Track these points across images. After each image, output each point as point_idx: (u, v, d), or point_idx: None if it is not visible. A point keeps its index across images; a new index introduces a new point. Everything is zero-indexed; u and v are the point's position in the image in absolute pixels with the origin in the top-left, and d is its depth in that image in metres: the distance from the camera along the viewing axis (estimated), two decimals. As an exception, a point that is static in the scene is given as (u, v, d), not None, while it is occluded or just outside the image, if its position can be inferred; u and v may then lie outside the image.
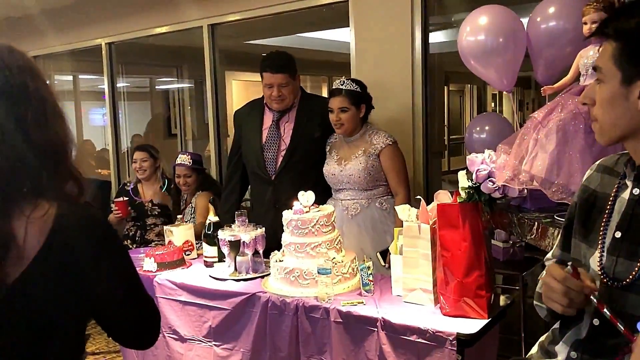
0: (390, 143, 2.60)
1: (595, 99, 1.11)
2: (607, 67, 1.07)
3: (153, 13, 4.41)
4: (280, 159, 2.80)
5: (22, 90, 0.97)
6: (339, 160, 2.66)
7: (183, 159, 3.39)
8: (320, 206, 2.36)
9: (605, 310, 1.04)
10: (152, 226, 3.63)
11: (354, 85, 2.61)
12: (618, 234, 1.11)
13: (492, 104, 9.10)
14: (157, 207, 3.64)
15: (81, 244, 0.97)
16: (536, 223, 1.81)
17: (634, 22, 1.04)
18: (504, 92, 2.67)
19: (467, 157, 1.90)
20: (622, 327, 1.01)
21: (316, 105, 2.79)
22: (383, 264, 2.42)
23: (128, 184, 3.77)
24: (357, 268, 2.23)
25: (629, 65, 1.04)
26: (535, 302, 1.31)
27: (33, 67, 1.02)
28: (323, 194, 2.68)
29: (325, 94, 7.19)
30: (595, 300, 1.06)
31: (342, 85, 2.61)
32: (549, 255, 1.41)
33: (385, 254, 2.43)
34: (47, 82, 1.06)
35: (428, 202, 2.04)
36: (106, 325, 1.09)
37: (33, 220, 0.95)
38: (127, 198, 3.56)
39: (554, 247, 1.38)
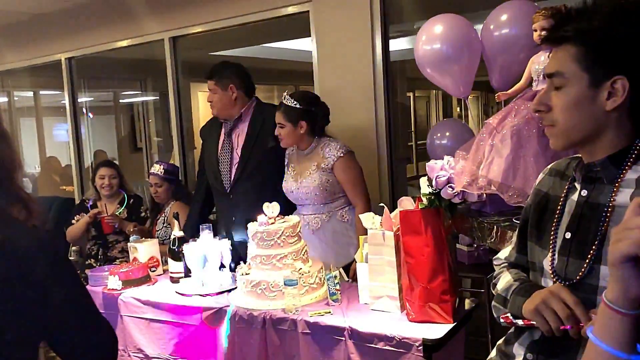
0: (342, 155, 2.53)
1: (550, 104, 1.10)
2: (571, 71, 1.06)
3: (113, 27, 4.36)
4: (234, 171, 2.79)
5: None
6: (295, 177, 2.62)
7: (156, 168, 3.49)
8: (286, 217, 2.35)
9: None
10: (115, 243, 3.58)
11: (293, 101, 2.53)
12: (568, 235, 1.13)
13: (458, 109, 9.25)
14: (117, 228, 3.57)
15: (27, 269, 0.94)
16: (495, 227, 1.84)
17: (596, 23, 1.03)
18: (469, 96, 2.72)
19: (427, 164, 1.92)
20: None
21: (268, 114, 2.72)
22: (347, 279, 2.42)
23: (87, 200, 3.72)
24: (324, 278, 2.22)
25: (597, 67, 1.03)
26: (493, 304, 1.32)
27: None
28: (282, 206, 2.65)
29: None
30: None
31: (283, 99, 2.57)
32: (499, 255, 1.42)
33: (348, 268, 2.44)
34: None
35: (394, 209, 2.05)
36: (59, 351, 1.06)
37: None
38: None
39: (509, 249, 1.40)
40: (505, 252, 1.41)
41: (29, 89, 6.35)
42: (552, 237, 1.17)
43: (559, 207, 1.18)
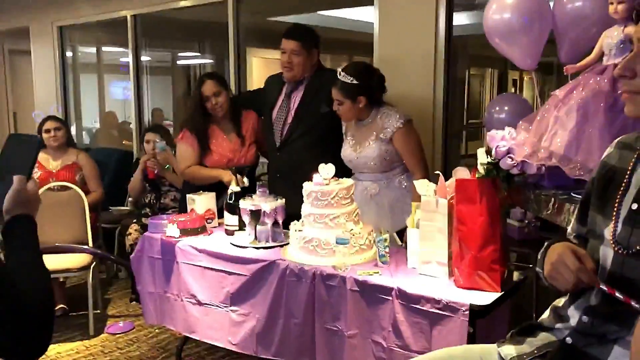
0: (402, 125, 2.53)
1: (636, 70, 1.10)
2: None
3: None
4: (286, 129, 2.88)
5: None
6: (355, 146, 2.64)
7: None
8: (340, 179, 2.40)
9: (617, 294, 1.08)
10: (167, 191, 3.90)
11: (349, 77, 2.50)
12: (635, 206, 1.14)
13: (513, 89, 8.99)
14: (166, 180, 3.87)
15: None
16: (553, 199, 1.84)
17: None
18: (525, 77, 2.66)
19: (487, 133, 1.92)
20: (637, 305, 1.05)
21: (328, 79, 2.70)
22: (400, 243, 2.45)
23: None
24: (374, 240, 2.28)
25: None
26: (537, 269, 1.33)
27: None
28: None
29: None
30: (605, 288, 1.11)
31: (339, 75, 2.53)
32: (569, 230, 1.43)
33: (402, 233, 2.47)
34: None
35: (447, 180, 2.07)
36: None
37: None
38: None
39: (572, 221, 1.41)
40: (571, 226, 1.42)
41: (93, 45, 6.57)
42: (616, 207, 1.18)
43: (625, 179, 1.19)
